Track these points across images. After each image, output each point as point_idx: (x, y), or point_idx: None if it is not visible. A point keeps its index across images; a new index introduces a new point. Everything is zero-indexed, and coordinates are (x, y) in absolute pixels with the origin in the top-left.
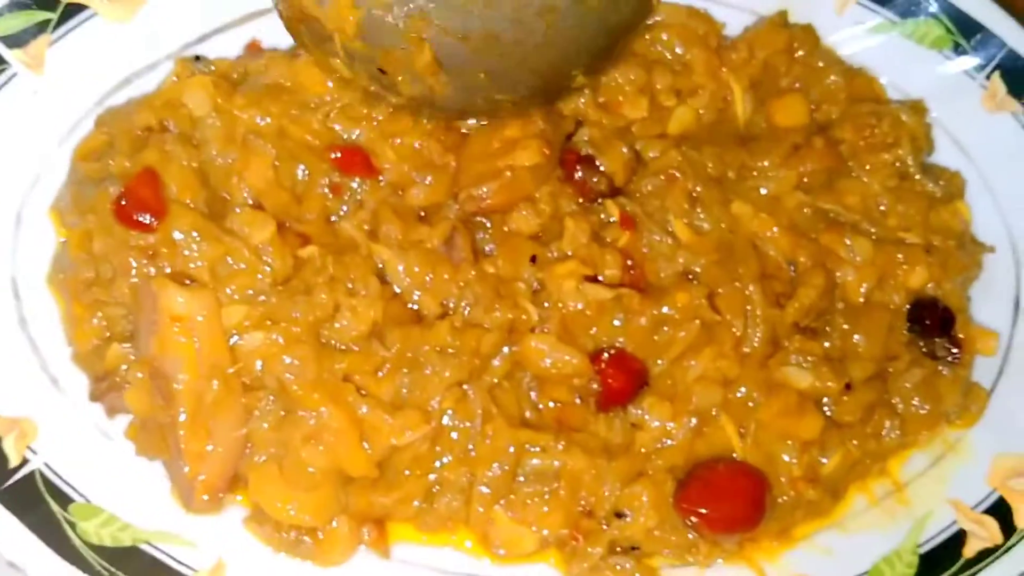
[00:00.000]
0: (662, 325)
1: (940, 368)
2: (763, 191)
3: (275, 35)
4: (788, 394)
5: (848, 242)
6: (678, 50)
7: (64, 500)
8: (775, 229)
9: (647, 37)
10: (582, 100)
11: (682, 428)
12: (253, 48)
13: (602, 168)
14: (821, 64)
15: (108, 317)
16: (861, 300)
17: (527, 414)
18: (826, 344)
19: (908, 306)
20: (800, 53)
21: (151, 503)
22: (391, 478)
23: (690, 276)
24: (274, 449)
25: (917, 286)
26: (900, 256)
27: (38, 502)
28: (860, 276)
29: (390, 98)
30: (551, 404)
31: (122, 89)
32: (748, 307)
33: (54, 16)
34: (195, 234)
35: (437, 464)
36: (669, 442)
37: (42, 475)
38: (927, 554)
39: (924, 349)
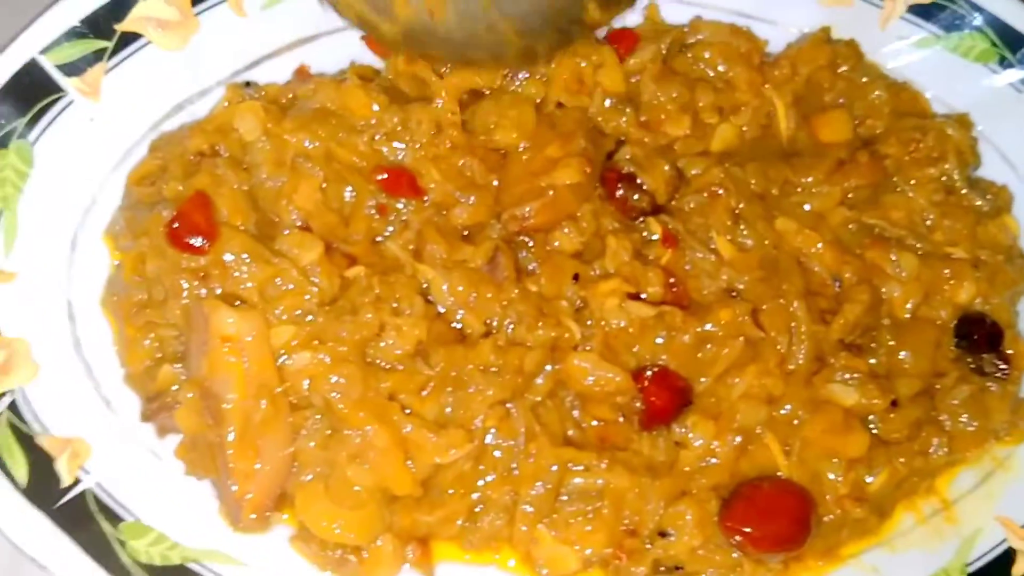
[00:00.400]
0: (705, 343)
1: (988, 384)
2: (807, 207)
3: (323, 60)
4: (834, 411)
5: (894, 257)
6: (720, 68)
7: (115, 519)
8: (819, 245)
9: (689, 55)
10: (623, 119)
11: (726, 446)
12: (301, 73)
13: (644, 186)
14: (865, 79)
15: (160, 338)
16: (907, 316)
17: (570, 432)
18: (872, 361)
19: (955, 322)
20: (843, 68)
21: (200, 522)
22: (435, 497)
23: (733, 293)
24: (320, 468)
25: (964, 301)
26: (947, 271)
27: (89, 521)
28: (906, 292)
29: (384, 27)
30: (594, 423)
31: (175, 115)
32: (792, 324)
33: (110, 45)
34: (245, 256)
35: (480, 483)
36: (713, 460)
37: (94, 495)
38: (976, 572)
39: (972, 365)
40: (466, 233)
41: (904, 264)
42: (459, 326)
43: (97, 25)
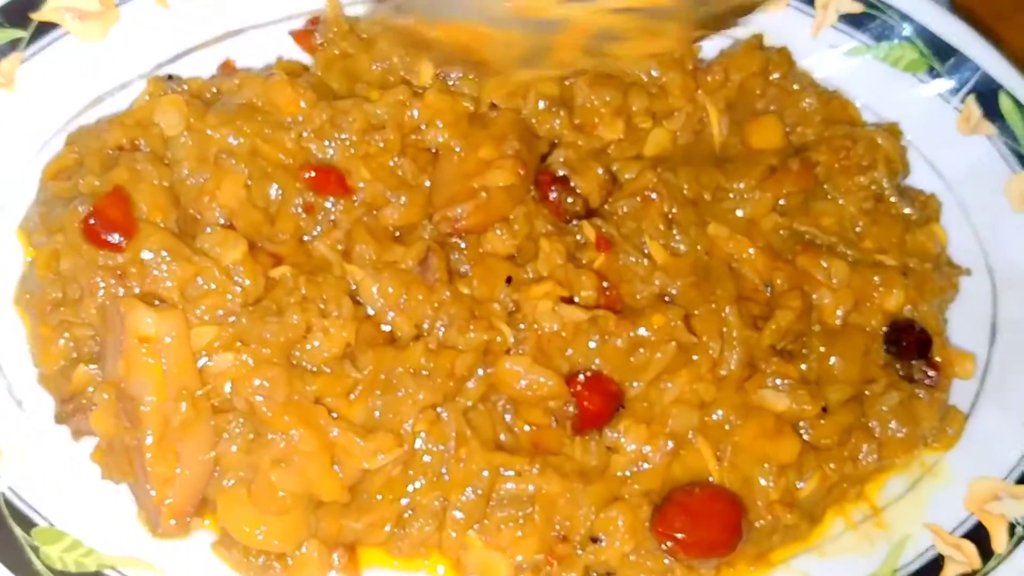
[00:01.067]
0: (638, 347)
1: (917, 391)
2: (739, 213)
3: (249, 55)
4: (765, 417)
5: (824, 264)
6: (654, 72)
7: (27, 524)
8: (751, 251)
9: None
10: (557, 121)
11: (658, 451)
12: (227, 68)
13: (577, 189)
14: (796, 87)
15: (75, 338)
16: (838, 322)
17: (502, 437)
18: (803, 367)
19: (885, 329)
20: (775, 76)
21: (117, 527)
22: (363, 502)
23: (666, 298)
24: (243, 472)
25: (894, 308)
26: (877, 279)
27: (0, 526)
28: (837, 298)
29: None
30: (526, 427)
31: (93, 108)
32: (725, 329)
33: (26, 34)
34: (165, 254)
35: (410, 488)
36: (645, 465)
37: (5, 499)
38: None
39: (901, 372)
40: (397, 234)
41: (835, 271)
42: (389, 328)
43: (13, 14)
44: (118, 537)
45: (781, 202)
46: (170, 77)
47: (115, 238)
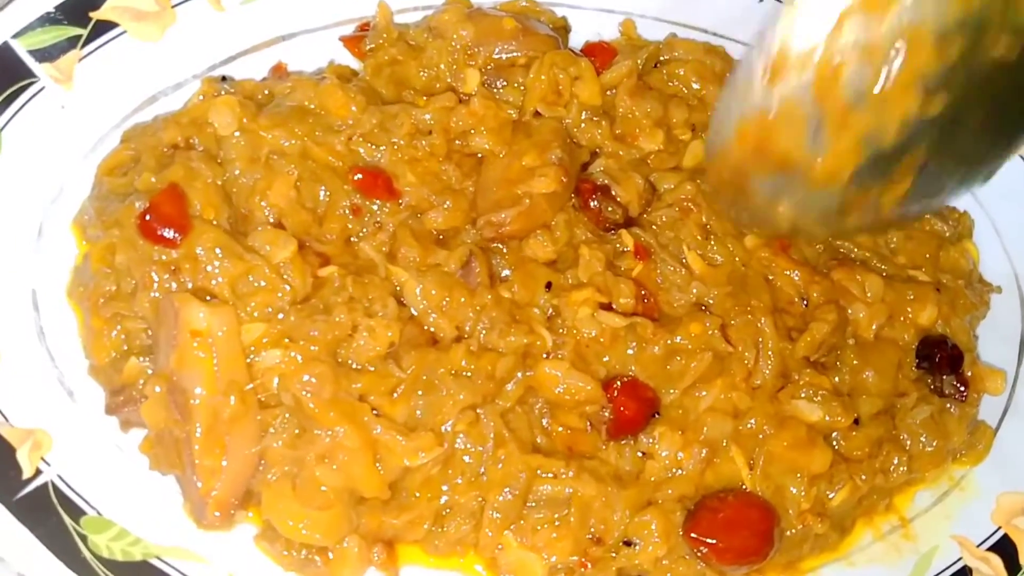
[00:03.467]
0: (675, 355)
1: (947, 405)
2: None
3: (300, 59)
4: (798, 427)
5: (859, 279)
6: (694, 85)
7: (76, 513)
8: (792, 272)
9: (664, 72)
10: (599, 131)
11: (692, 458)
12: (279, 70)
13: (618, 198)
14: None
15: (127, 331)
16: (872, 336)
17: (538, 440)
18: (836, 379)
19: (917, 343)
20: None
21: (163, 518)
22: (402, 500)
23: (703, 307)
24: (288, 467)
25: (927, 324)
26: (910, 294)
27: (50, 514)
28: (871, 313)
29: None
30: (560, 430)
31: (148, 107)
32: (760, 339)
33: (84, 32)
34: (217, 251)
35: (448, 487)
36: (679, 472)
37: (55, 487)
38: None
39: (932, 386)
40: (440, 237)
41: (869, 286)
42: (431, 330)
43: (72, 12)
44: (164, 527)
45: None
46: (223, 79)
47: (170, 234)
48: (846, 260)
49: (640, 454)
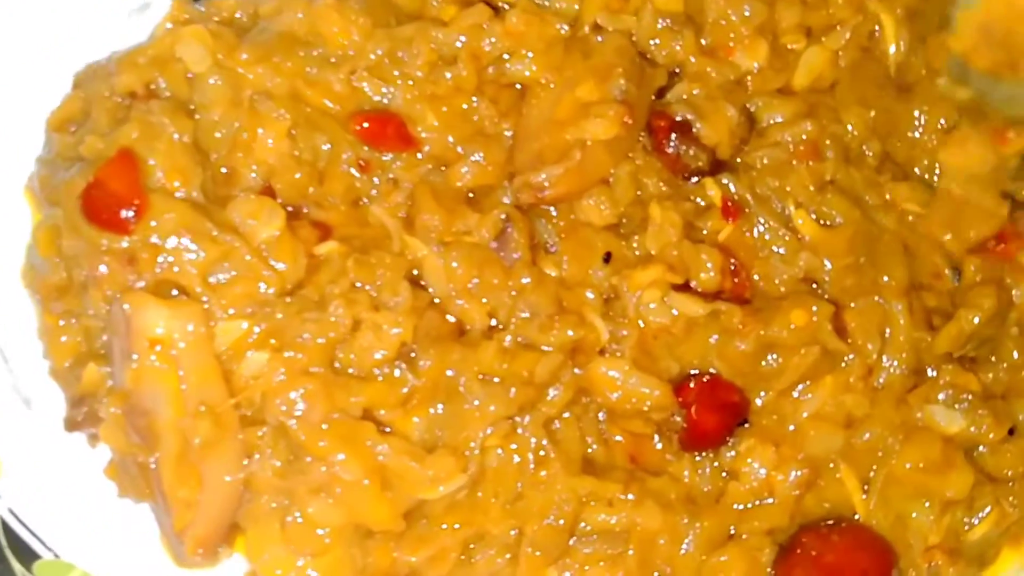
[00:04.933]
0: (770, 349)
1: None
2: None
3: None
4: (930, 440)
5: None
6: None
7: (29, 556)
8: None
9: None
10: (679, 44)
11: (788, 480)
12: None
13: (701, 137)
14: None
15: (85, 329)
16: None
17: (592, 449)
18: (990, 375)
19: None
20: None
21: (134, 556)
22: (421, 530)
23: (813, 284)
24: (276, 501)
25: None
26: None
27: None
28: None
29: None
30: (620, 439)
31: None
32: (888, 330)
33: None
34: (182, 233)
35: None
36: (770, 499)
37: (4, 525)
38: None
39: None
40: (470, 197)
41: None
42: (456, 319)
43: None
44: (136, 568)
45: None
46: None
47: (124, 214)
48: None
49: (722, 473)
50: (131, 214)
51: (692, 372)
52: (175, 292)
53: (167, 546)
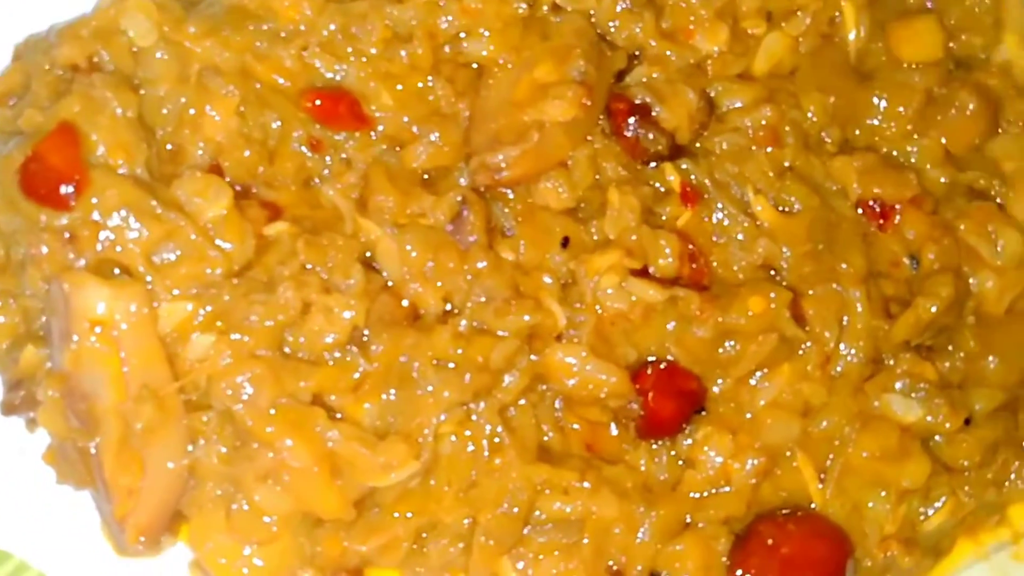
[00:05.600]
0: (728, 335)
1: None
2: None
3: None
4: (888, 430)
5: (992, 232)
6: None
7: None
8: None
9: None
10: (639, 27)
11: (745, 468)
12: None
13: (661, 121)
14: None
15: (23, 309)
16: (1001, 312)
17: (548, 437)
18: (945, 364)
19: None
20: None
21: (76, 545)
22: (372, 519)
23: (772, 272)
24: (222, 488)
25: None
26: None
27: None
28: (1002, 284)
29: None
30: (577, 427)
31: None
32: (846, 317)
33: None
34: (125, 211)
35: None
36: (727, 487)
37: None
38: None
39: None
40: (425, 178)
41: (1005, 244)
42: (410, 304)
43: None
44: (76, 556)
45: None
46: None
47: (63, 190)
48: (982, 203)
49: (678, 461)
50: (71, 190)
51: (649, 359)
52: (117, 272)
53: (108, 535)
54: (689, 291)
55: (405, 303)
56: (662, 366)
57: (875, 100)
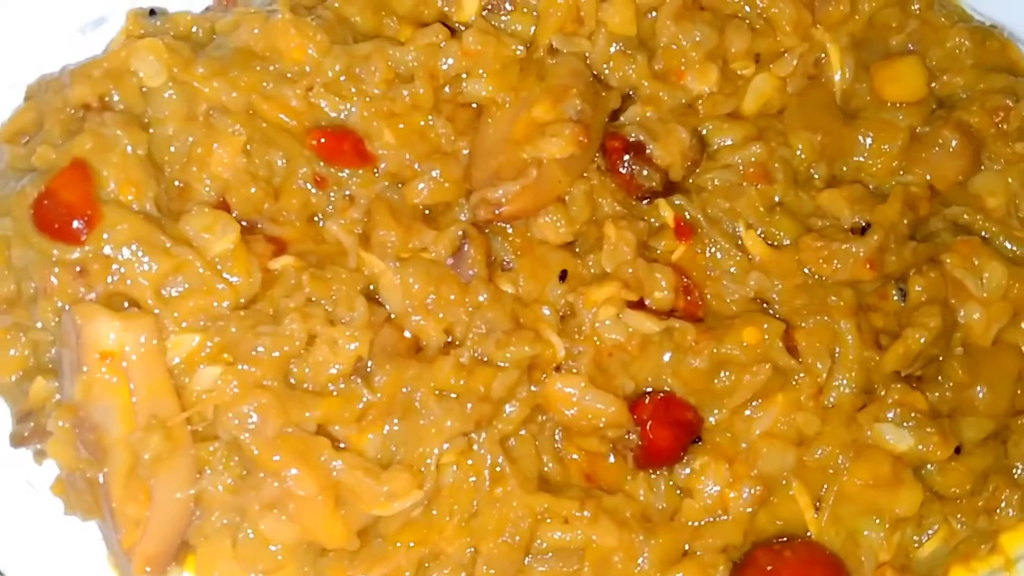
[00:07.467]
0: (723, 366)
1: None
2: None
3: None
4: (880, 459)
5: (976, 264)
6: (759, 2)
7: None
8: None
9: None
10: (632, 68)
11: (742, 497)
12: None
13: (655, 158)
14: (944, 21)
15: (33, 342)
16: (988, 343)
17: (548, 465)
18: (935, 394)
19: None
20: (916, 7)
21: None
22: (375, 549)
23: (764, 304)
24: (228, 517)
25: None
26: None
27: None
28: (989, 314)
29: None
30: (576, 457)
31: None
32: (837, 349)
33: None
34: (135, 246)
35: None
36: (724, 516)
37: None
38: None
39: None
40: (427, 214)
41: (990, 276)
42: (412, 335)
43: None
44: None
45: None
46: (152, 12)
47: (75, 225)
48: (964, 233)
49: (676, 490)
50: (83, 225)
51: (647, 390)
52: (127, 305)
53: (115, 565)
54: (684, 323)
55: (408, 335)
56: (659, 396)
57: (861, 138)
